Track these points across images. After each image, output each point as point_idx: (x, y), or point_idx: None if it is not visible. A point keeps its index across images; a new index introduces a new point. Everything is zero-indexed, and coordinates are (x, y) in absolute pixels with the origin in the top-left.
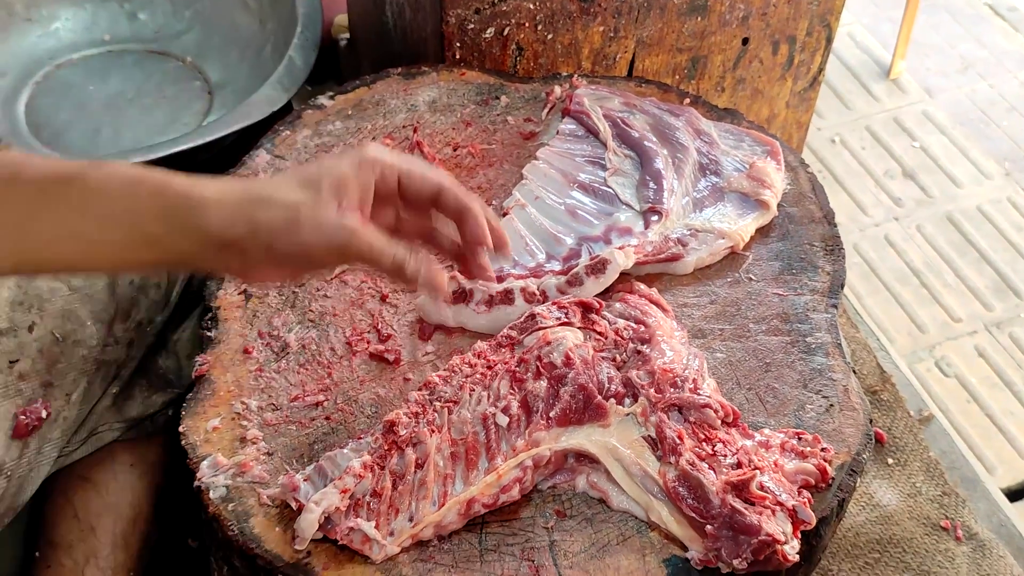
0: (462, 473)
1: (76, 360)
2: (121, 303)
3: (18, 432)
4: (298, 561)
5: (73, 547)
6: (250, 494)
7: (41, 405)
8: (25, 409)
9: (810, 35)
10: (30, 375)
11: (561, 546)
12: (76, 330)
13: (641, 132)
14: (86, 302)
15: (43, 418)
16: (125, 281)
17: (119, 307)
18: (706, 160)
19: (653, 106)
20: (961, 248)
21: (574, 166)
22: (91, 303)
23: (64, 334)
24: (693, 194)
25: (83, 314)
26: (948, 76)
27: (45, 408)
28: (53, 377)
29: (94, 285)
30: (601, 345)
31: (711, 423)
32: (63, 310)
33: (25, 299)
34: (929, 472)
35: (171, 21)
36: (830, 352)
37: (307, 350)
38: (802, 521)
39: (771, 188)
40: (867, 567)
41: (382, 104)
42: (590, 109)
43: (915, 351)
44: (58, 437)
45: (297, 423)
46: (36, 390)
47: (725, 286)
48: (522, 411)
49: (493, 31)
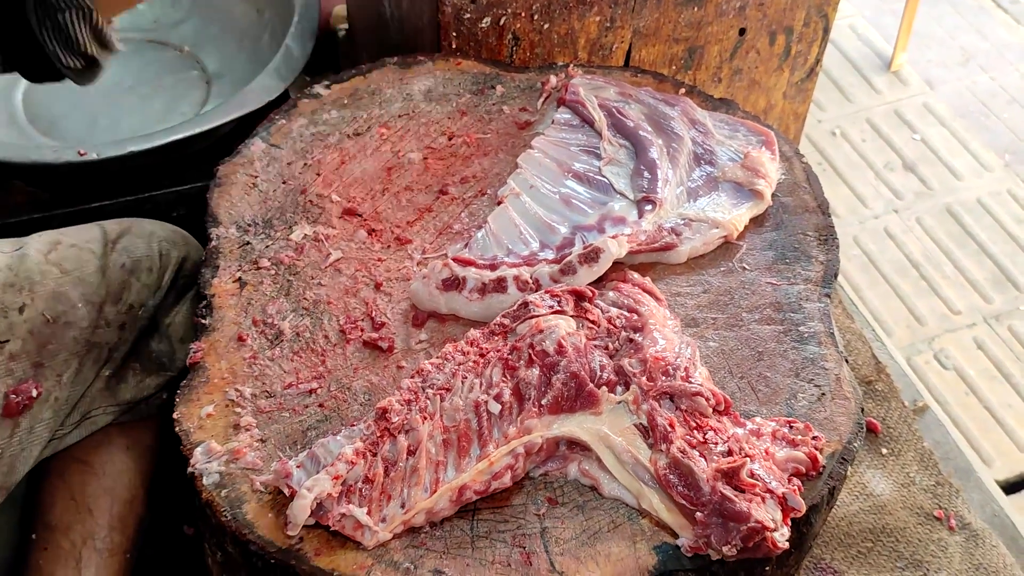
0: (454, 460)
1: (67, 341)
2: (112, 286)
3: (8, 411)
4: (290, 547)
5: (70, 529)
6: (243, 480)
7: (32, 385)
8: (15, 388)
9: (807, 26)
10: (20, 356)
11: (552, 533)
12: (67, 312)
13: (636, 122)
14: (77, 284)
15: (33, 397)
16: (116, 264)
17: (110, 290)
18: (701, 150)
19: (648, 96)
20: (961, 240)
21: (569, 155)
22: (82, 285)
23: (55, 315)
24: (688, 183)
25: (74, 296)
26: (949, 68)
27: (36, 388)
28: (43, 358)
29: (85, 268)
30: (594, 333)
31: (702, 411)
32: (54, 292)
33: (16, 281)
34: (923, 462)
35: (169, 10)
36: (823, 341)
37: (301, 338)
38: (792, 508)
39: (765, 178)
40: (860, 556)
41: (378, 93)
42: (585, 99)
43: (914, 343)
44: (49, 417)
45: (291, 410)
46: (27, 370)
47: (718, 275)
48: (514, 399)
49: (489, 21)
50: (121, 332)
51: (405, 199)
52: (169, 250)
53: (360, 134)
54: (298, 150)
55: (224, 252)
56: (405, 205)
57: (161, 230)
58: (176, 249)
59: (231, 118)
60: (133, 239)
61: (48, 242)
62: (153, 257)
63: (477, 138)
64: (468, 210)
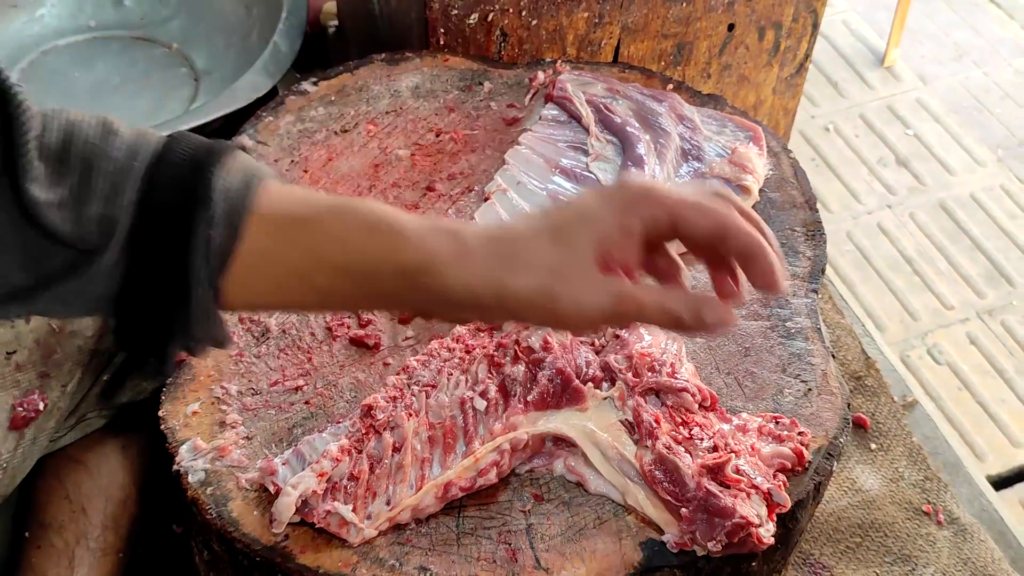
0: (439, 457)
1: (72, 351)
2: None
3: (15, 424)
4: (276, 544)
5: (64, 528)
6: (229, 478)
7: (39, 397)
8: (22, 401)
9: (796, 21)
10: (26, 366)
11: (538, 529)
12: (72, 320)
13: (624, 118)
14: None
15: (40, 410)
16: None
17: None
18: (688, 146)
19: (636, 92)
20: (954, 236)
21: (556, 151)
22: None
23: (60, 325)
24: (675, 179)
25: None
26: (942, 64)
27: (42, 400)
28: (49, 368)
29: None
30: None
31: (688, 407)
32: None
33: None
34: (912, 457)
35: (157, 7)
36: (809, 337)
37: (287, 335)
38: (777, 504)
39: (753, 173)
40: (848, 551)
41: (365, 90)
42: (573, 95)
43: (907, 339)
44: (52, 428)
45: (277, 407)
46: (33, 381)
47: (705, 271)
48: (500, 395)
49: (477, 17)
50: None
51: (392, 196)
52: None
53: (347, 131)
54: (285, 147)
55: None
56: (392, 202)
57: None
58: None
59: (219, 115)
60: None
61: None
62: None
63: (465, 135)
64: (455, 207)
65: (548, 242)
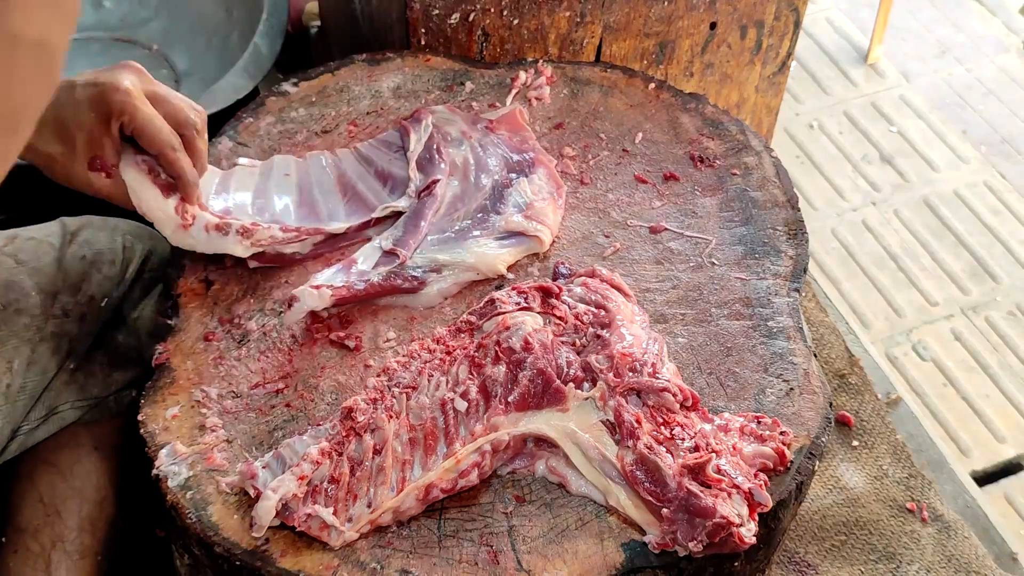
0: (420, 459)
1: (18, 328)
2: (70, 276)
3: None
4: (256, 548)
5: (39, 531)
6: (209, 482)
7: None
8: None
9: (778, 19)
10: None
11: (520, 531)
12: (19, 299)
13: (447, 164)
14: (32, 274)
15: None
16: (76, 255)
17: (67, 280)
18: (491, 202)
19: (496, 141)
20: (938, 232)
21: (358, 174)
22: (37, 275)
23: (6, 303)
24: (456, 228)
25: (27, 285)
26: (925, 61)
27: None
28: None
29: (42, 259)
30: (561, 330)
31: (669, 407)
32: (7, 280)
33: None
34: (896, 455)
35: (137, 9)
36: (791, 336)
37: (268, 337)
38: (758, 504)
39: (545, 224)
40: (834, 549)
41: (346, 91)
42: (414, 130)
43: (892, 335)
44: (5, 406)
45: (257, 410)
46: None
47: (688, 271)
48: (481, 396)
49: (458, 17)
50: (82, 323)
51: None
52: (133, 243)
53: (328, 131)
54: (265, 148)
55: (190, 251)
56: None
57: (125, 224)
58: (141, 242)
59: None
60: (95, 232)
61: (6, 236)
62: (116, 250)
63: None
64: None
65: (52, 137)
